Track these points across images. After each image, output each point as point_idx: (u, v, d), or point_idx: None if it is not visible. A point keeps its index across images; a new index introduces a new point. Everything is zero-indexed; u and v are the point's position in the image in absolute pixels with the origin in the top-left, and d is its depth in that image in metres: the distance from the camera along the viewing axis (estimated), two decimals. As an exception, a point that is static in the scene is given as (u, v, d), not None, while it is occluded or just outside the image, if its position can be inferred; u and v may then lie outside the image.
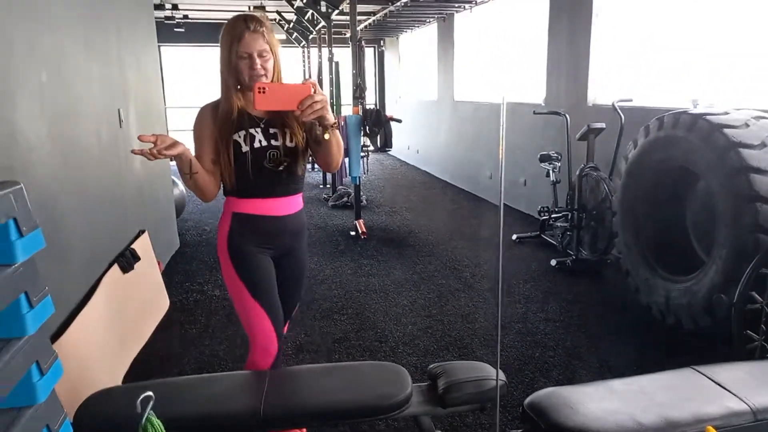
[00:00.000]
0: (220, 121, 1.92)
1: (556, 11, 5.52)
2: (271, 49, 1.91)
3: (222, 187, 2.01)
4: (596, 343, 3.25)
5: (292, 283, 2.16)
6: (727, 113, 3.09)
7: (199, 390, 1.89)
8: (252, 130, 1.93)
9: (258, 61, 1.87)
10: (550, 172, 4.94)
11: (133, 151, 1.71)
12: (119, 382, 2.83)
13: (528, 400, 1.82)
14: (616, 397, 1.83)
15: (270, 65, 1.91)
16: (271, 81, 1.93)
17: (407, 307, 3.81)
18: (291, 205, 2.04)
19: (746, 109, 3.21)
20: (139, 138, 1.68)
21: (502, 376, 1.98)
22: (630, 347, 3.18)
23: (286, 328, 2.31)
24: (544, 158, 4.98)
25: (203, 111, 1.97)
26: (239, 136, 1.92)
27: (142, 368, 3.04)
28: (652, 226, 3.66)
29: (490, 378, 1.97)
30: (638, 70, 4.82)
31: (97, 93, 3.35)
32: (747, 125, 2.96)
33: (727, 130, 2.94)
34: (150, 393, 1.54)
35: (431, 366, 2.04)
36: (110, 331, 2.94)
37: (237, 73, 1.89)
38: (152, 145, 1.68)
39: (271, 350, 2.04)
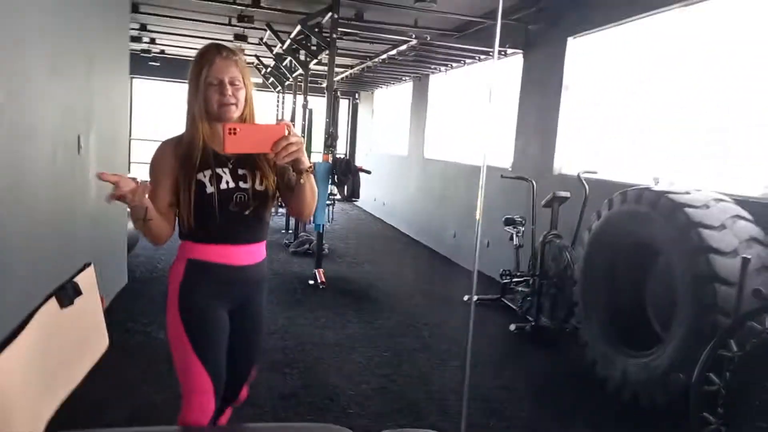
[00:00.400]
0: (182, 158, 1.76)
1: (528, 81, 5.71)
2: (243, 80, 1.78)
3: (178, 230, 1.85)
4: (551, 415, 3.17)
5: (248, 338, 1.97)
6: (688, 193, 3.17)
7: (128, 446, 1.72)
8: (219, 170, 1.78)
9: (229, 88, 1.74)
10: (514, 236, 4.96)
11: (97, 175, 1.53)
12: (41, 430, 2.58)
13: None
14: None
15: (241, 96, 1.78)
16: (242, 115, 1.81)
17: (362, 364, 3.66)
18: (254, 254, 1.88)
19: (704, 190, 3.31)
20: (99, 176, 1.51)
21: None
22: (586, 422, 3.11)
23: (244, 393, 2.08)
24: (509, 222, 5.01)
25: (164, 146, 1.81)
26: (204, 176, 1.76)
27: (70, 414, 2.77)
28: (611, 299, 3.67)
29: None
30: (603, 144, 4.98)
31: (58, 117, 3.22)
32: (707, 206, 3.03)
33: (688, 210, 3.00)
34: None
35: (383, 433, 1.92)
36: (38, 371, 2.69)
37: (205, 101, 1.75)
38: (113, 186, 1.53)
39: (207, 412, 1.85)
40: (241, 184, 1.81)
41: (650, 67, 4.42)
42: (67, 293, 3.21)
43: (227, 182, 1.79)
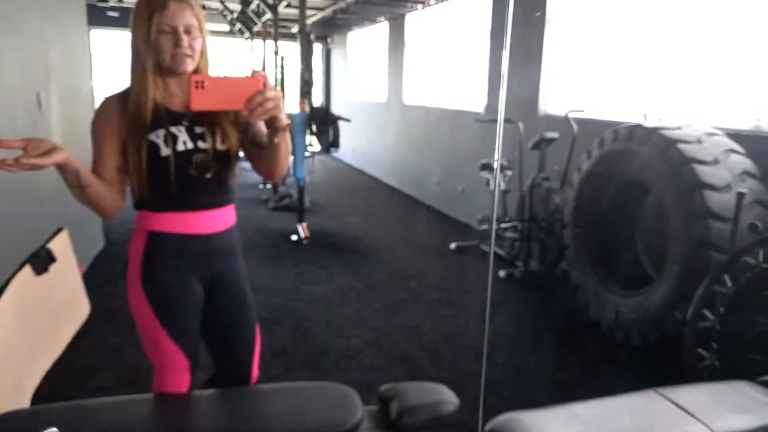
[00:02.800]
0: (130, 117, 1.55)
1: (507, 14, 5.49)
2: (199, 27, 1.56)
3: (132, 200, 1.66)
4: (545, 358, 3.17)
5: (234, 313, 1.80)
6: (680, 128, 3.09)
7: (117, 415, 1.63)
8: (174, 129, 1.57)
9: (185, 37, 1.52)
10: (500, 181, 4.87)
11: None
12: (27, 401, 2.49)
13: (488, 426, 1.67)
14: (579, 422, 1.71)
15: (198, 45, 1.56)
16: (197, 68, 1.60)
17: (351, 318, 3.61)
18: (220, 220, 1.68)
19: (696, 125, 3.23)
20: (0, 143, 1.30)
21: (455, 398, 1.84)
22: (580, 363, 3.13)
23: (256, 371, 1.94)
24: (485, 167, 4.88)
25: (107, 102, 1.59)
26: (157, 136, 1.56)
27: (56, 383, 2.68)
28: (602, 240, 3.63)
29: (446, 402, 1.82)
30: (590, 82, 4.84)
31: (15, 72, 2.98)
32: (700, 141, 2.96)
33: (681, 146, 2.92)
34: (54, 429, 1.29)
35: (382, 388, 1.86)
36: (18, 342, 2.58)
37: (157, 52, 1.53)
38: (21, 152, 1.31)
39: (183, 389, 1.76)
40: (200, 144, 1.60)
41: (637, -1, 4.26)
42: (42, 260, 3.06)
43: (184, 142, 1.59)
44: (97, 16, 8.51)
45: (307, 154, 6.00)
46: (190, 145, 1.60)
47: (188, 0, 1.54)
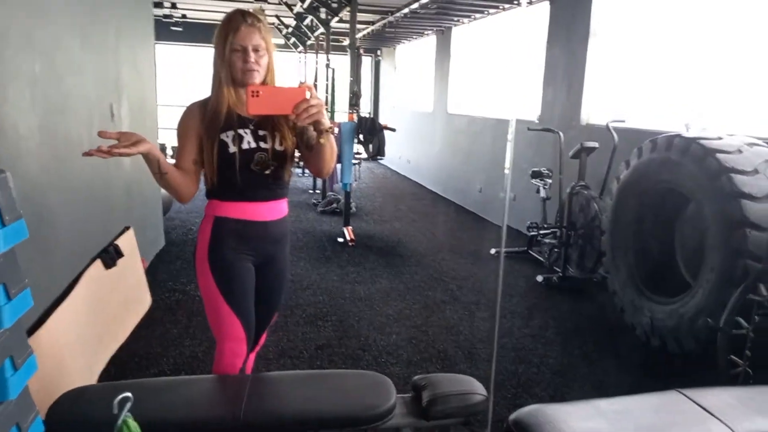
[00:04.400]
0: (207, 119, 1.86)
1: (555, 29, 5.57)
2: (266, 47, 1.85)
3: (205, 190, 1.96)
4: (579, 361, 3.24)
5: (272, 291, 2.10)
6: (720, 138, 3.11)
7: (178, 392, 1.85)
8: (241, 131, 1.87)
9: (252, 55, 1.81)
10: (541, 188, 4.95)
11: (84, 154, 1.54)
12: (95, 381, 2.76)
13: (513, 416, 1.79)
14: (601, 417, 1.81)
15: (264, 62, 1.86)
16: (264, 81, 1.88)
17: (392, 317, 3.78)
18: (275, 210, 1.98)
19: (738, 135, 3.24)
20: (100, 134, 1.57)
21: (484, 390, 1.96)
22: (613, 367, 3.18)
23: (263, 339, 2.25)
24: (536, 174, 5.00)
25: (191, 108, 1.92)
26: (227, 136, 1.85)
27: (120, 367, 2.97)
28: (640, 247, 3.67)
29: (475, 392, 1.95)
30: (631, 93, 4.86)
31: (90, 86, 3.30)
32: (740, 151, 2.98)
33: (720, 155, 2.95)
34: (128, 394, 1.50)
35: (416, 377, 2.02)
36: (89, 327, 2.87)
37: (230, 67, 1.83)
38: (115, 142, 1.60)
39: (240, 356, 1.98)
40: (262, 145, 1.89)
41: (678, 11, 4.26)
42: (111, 255, 3.38)
43: (248, 142, 1.87)
44: (162, 32, 9.03)
45: (354, 161, 6.22)
46: (253, 145, 1.88)
47: (257, 24, 1.84)
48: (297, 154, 2.01)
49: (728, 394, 2.01)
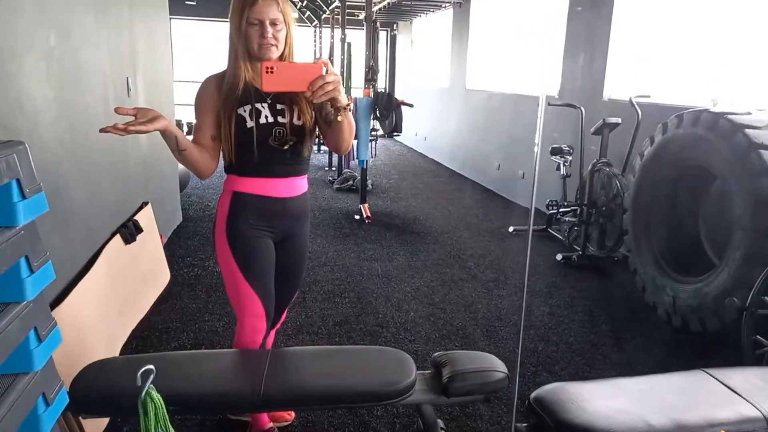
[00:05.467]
0: (224, 93, 1.82)
1: (576, 2, 5.41)
2: (284, 20, 1.80)
3: (223, 165, 1.93)
4: (599, 339, 3.20)
5: (292, 268, 2.08)
6: (749, 113, 3.02)
7: (199, 366, 1.86)
8: (258, 105, 1.83)
9: (270, 29, 1.76)
10: (561, 165, 4.86)
11: (100, 130, 1.52)
12: (117, 354, 2.79)
13: (534, 394, 1.78)
14: (624, 395, 1.78)
15: (282, 36, 1.81)
16: (282, 55, 1.84)
17: (410, 294, 3.76)
18: (294, 186, 1.95)
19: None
20: (117, 110, 1.55)
21: (504, 368, 1.95)
22: (634, 346, 3.14)
23: (284, 316, 2.25)
24: (556, 151, 4.91)
25: (207, 81, 1.87)
26: (244, 111, 1.81)
27: (140, 341, 3.01)
28: (663, 226, 3.60)
29: (495, 369, 1.93)
30: (657, 67, 4.73)
31: (106, 60, 3.28)
32: (770, 126, 2.89)
33: (749, 131, 2.87)
34: (151, 366, 1.51)
35: (435, 354, 2.00)
36: (110, 301, 2.90)
37: (247, 41, 1.78)
38: (132, 119, 1.57)
39: (260, 331, 1.98)
40: (280, 119, 1.85)
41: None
42: (130, 230, 3.40)
43: (266, 117, 1.84)
44: (177, 6, 8.97)
45: (370, 137, 6.16)
46: (271, 119, 1.84)
47: None
48: (316, 129, 1.96)
49: (755, 374, 1.97)
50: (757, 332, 2.59)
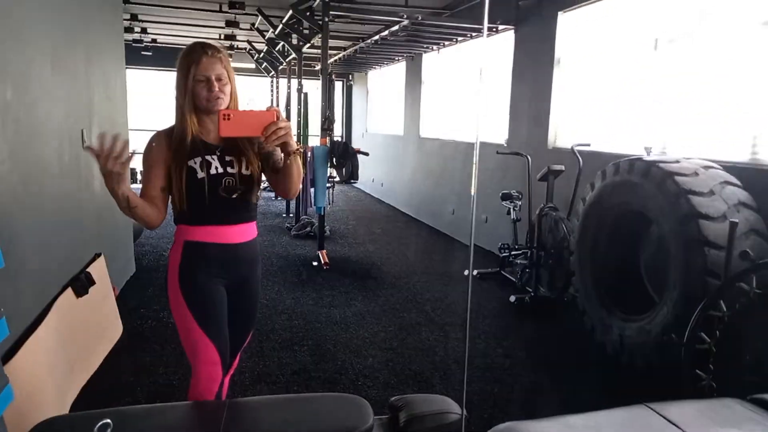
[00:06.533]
0: (174, 147, 1.91)
1: (520, 56, 5.76)
2: (228, 75, 1.93)
3: (173, 217, 1.98)
4: (553, 380, 3.30)
5: (245, 314, 2.12)
6: (678, 161, 3.26)
7: (156, 419, 1.83)
8: (208, 157, 1.92)
9: (216, 84, 1.89)
10: (511, 210, 5.07)
11: (86, 147, 1.67)
12: (67, 411, 2.70)
13: (488, 433, 1.84)
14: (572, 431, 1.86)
15: (227, 90, 1.93)
16: (228, 107, 1.95)
17: (368, 340, 3.80)
18: (245, 233, 2.02)
19: (695, 158, 3.40)
20: (100, 137, 1.66)
21: (459, 410, 2.00)
22: (586, 385, 3.25)
23: (236, 362, 2.26)
24: (506, 197, 5.12)
25: (157, 137, 1.96)
26: (194, 162, 1.90)
27: (92, 396, 2.91)
28: (607, 267, 3.78)
29: (451, 412, 1.98)
30: (595, 117, 5.05)
31: (62, 112, 3.29)
32: (696, 174, 3.13)
33: (678, 178, 3.10)
34: (108, 420, 1.50)
35: (392, 399, 2.04)
36: (60, 356, 2.82)
37: (194, 97, 1.90)
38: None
39: (216, 380, 1.99)
40: (229, 170, 1.95)
41: (639, 38, 4.47)
42: (82, 283, 3.34)
43: (216, 168, 1.93)
44: (133, 56, 9.01)
45: (328, 184, 6.27)
46: (221, 170, 1.94)
47: (218, 55, 1.93)
48: (263, 177, 2.06)
49: (692, 407, 2.09)
50: (696, 366, 2.74)
